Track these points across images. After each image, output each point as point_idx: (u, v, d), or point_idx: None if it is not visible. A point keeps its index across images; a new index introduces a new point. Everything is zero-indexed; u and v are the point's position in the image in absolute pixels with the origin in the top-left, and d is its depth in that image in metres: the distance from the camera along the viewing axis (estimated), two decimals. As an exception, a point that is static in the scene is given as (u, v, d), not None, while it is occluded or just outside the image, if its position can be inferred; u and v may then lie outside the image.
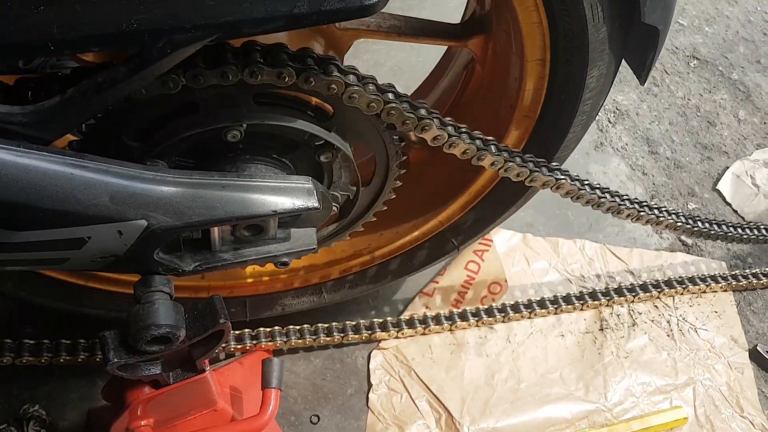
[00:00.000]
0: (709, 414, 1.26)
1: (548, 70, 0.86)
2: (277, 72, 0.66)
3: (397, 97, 0.74)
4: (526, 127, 0.97)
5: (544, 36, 0.82)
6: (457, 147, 0.83)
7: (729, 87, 1.89)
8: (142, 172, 0.69)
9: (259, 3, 0.57)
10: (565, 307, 1.34)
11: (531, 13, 0.78)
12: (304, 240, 0.82)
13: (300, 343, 1.23)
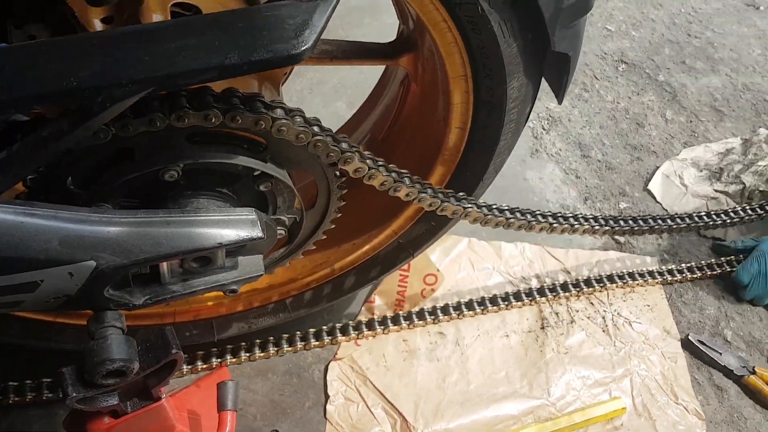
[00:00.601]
0: (646, 403, 1.34)
1: (471, 84, 0.92)
2: (203, 114, 0.70)
3: (322, 131, 0.79)
4: (460, 138, 1.03)
5: (461, 54, 0.87)
6: (376, 179, 0.88)
7: (656, 88, 2.00)
8: (89, 215, 0.72)
9: (192, 56, 0.61)
10: (505, 306, 1.42)
11: (446, 33, 0.84)
12: (251, 267, 0.86)
13: (262, 356, 1.29)
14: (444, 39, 0.82)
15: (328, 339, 1.34)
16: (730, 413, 1.38)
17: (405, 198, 0.96)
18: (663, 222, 1.48)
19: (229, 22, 0.63)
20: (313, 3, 0.64)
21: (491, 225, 1.13)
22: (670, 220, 1.48)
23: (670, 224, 1.48)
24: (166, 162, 0.74)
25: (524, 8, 0.76)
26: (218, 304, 1.24)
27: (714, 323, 1.50)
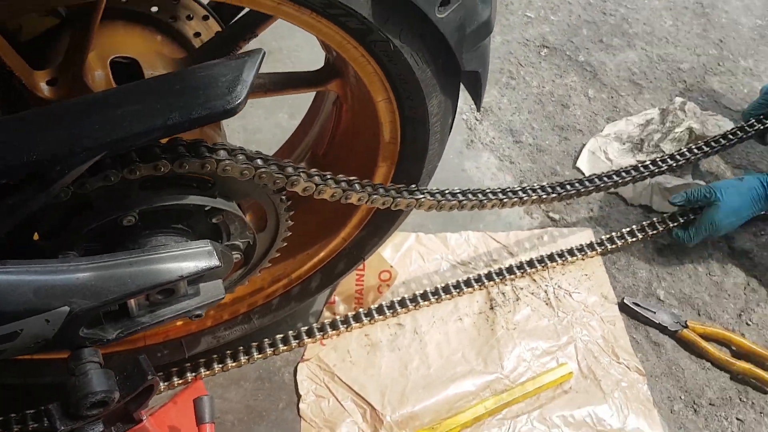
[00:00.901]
0: (590, 365, 1.47)
1: (395, 105, 1.00)
2: (152, 165, 0.77)
3: (265, 162, 0.87)
4: (393, 151, 1.12)
5: (382, 81, 0.95)
6: (325, 193, 0.97)
7: (577, 69, 2.12)
8: (58, 265, 0.79)
9: (138, 120, 0.69)
10: (457, 293, 1.53)
11: (365, 66, 0.91)
12: (213, 292, 0.94)
13: (234, 366, 1.37)
14: (364, 70, 0.91)
15: (296, 342, 1.42)
16: (668, 366, 1.52)
17: (358, 202, 1.04)
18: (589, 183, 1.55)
19: (168, 86, 0.70)
20: (241, 60, 0.72)
21: (446, 209, 1.21)
22: (588, 182, 1.55)
23: (596, 184, 1.55)
24: (123, 210, 0.81)
25: (432, 40, 0.85)
26: (187, 322, 1.31)
27: (647, 285, 1.63)
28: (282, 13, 0.79)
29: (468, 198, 1.25)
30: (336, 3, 0.75)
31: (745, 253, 1.74)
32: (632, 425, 1.39)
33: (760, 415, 1.48)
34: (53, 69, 0.86)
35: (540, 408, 1.40)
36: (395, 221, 1.27)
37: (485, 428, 1.37)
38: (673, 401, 1.46)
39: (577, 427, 1.38)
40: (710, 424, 1.44)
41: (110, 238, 0.87)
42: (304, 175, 0.92)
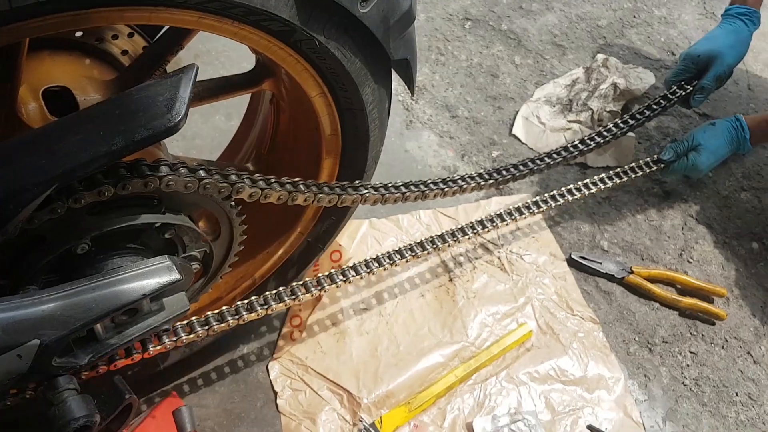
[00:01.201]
0: (548, 321, 1.54)
1: (330, 98, 1.03)
2: (96, 191, 0.78)
3: (208, 173, 0.88)
4: (336, 142, 1.15)
5: (314, 77, 0.97)
6: (272, 196, 0.99)
7: (502, 38, 2.18)
8: (21, 300, 0.80)
9: (83, 150, 0.70)
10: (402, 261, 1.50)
11: (295, 65, 0.93)
12: (177, 305, 0.95)
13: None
14: (295, 68, 0.93)
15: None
16: (620, 311, 1.61)
17: (304, 203, 1.07)
18: (540, 161, 1.60)
19: (108, 112, 0.71)
20: (176, 77, 0.74)
21: (390, 202, 1.25)
22: (539, 161, 1.62)
23: (546, 162, 1.60)
24: (74, 239, 0.82)
25: (358, 33, 0.88)
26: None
27: (590, 238, 1.72)
28: (204, 26, 0.81)
29: (411, 190, 1.28)
30: (255, 9, 0.77)
31: (679, 195, 1.84)
32: (593, 371, 1.48)
33: (711, 345, 1.58)
34: None
35: (506, 368, 1.47)
36: (348, 211, 1.31)
37: (458, 395, 1.43)
38: (628, 344, 1.55)
39: (543, 381, 1.45)
40: (666, 360, 1.54)
41: (68, 267, 0.88)
42: (248, 181, 0.94)
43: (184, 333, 1.10)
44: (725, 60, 1.65)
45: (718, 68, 1.64)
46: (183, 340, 1.09)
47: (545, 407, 1.42)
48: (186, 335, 1.09)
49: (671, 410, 1.46)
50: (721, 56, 1.65)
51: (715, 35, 1.72)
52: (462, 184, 1.41)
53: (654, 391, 1.48)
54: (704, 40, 1.72)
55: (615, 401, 1.44)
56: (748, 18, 1.71)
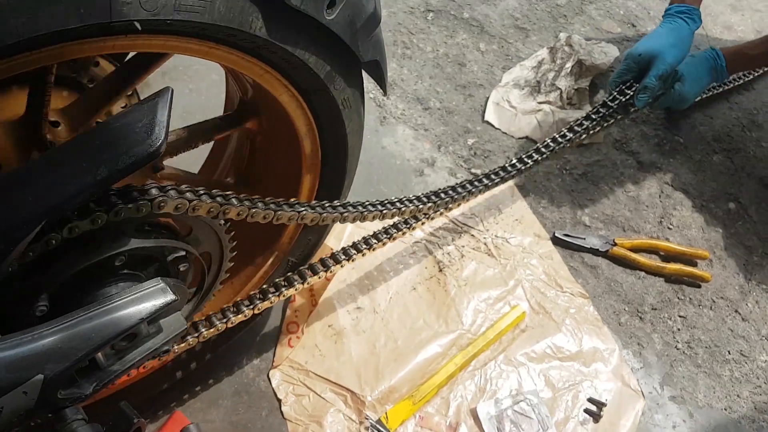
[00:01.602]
0: (539, 301, 1.57)
1: (307, 107, 1.05)
2: (91, 220, 0.78)
3: (196, 195, 0.89)
4: (315, 150, 1.16)
5: (287, 86, 0.98)
6: (258, 215, 1.00)
7: (465, 26, 2.20)
8: (21, 338, 0.80)
9: (68, 182, 0.70)
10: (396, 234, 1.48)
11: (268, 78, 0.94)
12: (174, 325, 0.96)
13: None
14: (269, 82, 0.94)
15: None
16: (608, 284, 1.64)
17: (288, 222, 1.08)
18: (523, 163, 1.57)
19: (88, 143, 0.72)
20: (152, 102, 0.74)
21: (369, 219, 1.25)
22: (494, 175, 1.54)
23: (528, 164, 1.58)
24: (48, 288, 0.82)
25: (327, 40, 0.89)
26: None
27: (572, 215, 1.75)
28: (174, 49, 0.81)
29: (387, 208, 1.29)
30: (225, 28, 0.78)
31: (653, 164, 1.87)
32: (588, 345, 1.51)
33: (699, 307, 1.62)
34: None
35: (504, 351, 1.49)
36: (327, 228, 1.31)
37: (459, 383, 1.45)
38: (619, 315, 1.58)
39: (541, 360, 1.48)
40: (657, 326, 1.58)
41: (61, 304, 0.88)
42: (235, 200, 0.95)
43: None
44: (666, 59, 1.64)
45: (659, 67, 1.63)
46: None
47: (545, 385, 1.45)
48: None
49: (667, 375, 1.50)
50: (662, 55, 1.64)
51: (656, 34, 1.71)
52: (444, 197, 1.42)
53: (649, 358, 1.52)
54: (645, 39, 1.72)
55: (612, 372, 1.47)
56: (687, 16, 1.71)
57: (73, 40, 0.67)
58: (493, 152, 1.85)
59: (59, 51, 0.68)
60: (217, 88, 1.46)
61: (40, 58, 0.67)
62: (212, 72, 1.91)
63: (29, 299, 0.84)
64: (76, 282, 0.86)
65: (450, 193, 1.45)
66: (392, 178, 1.77)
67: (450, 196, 1.44)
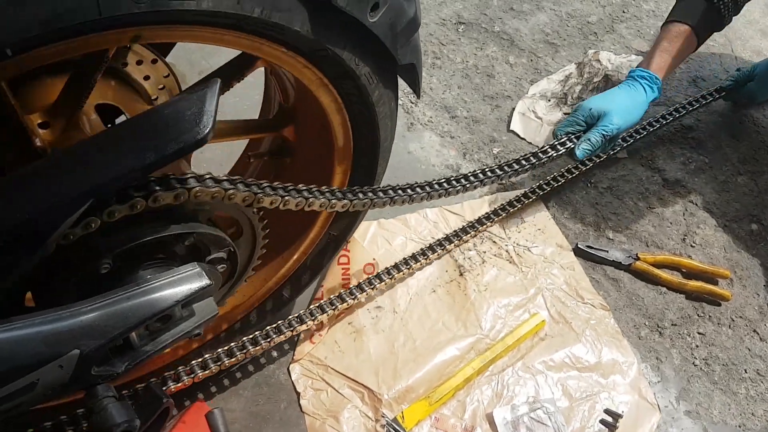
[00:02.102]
0: (560, 311, 1.58)
1: (345, 107, 1.08)
2: (129, 205, 0.82)
3: (232, 183, 0.92)
4: (348, 143, 1.18)
5: (327, 85, 1.01)
6: (290, 203, 1.03)
7: (495, 39, 2.22)
8: (60, 313, 0.83)
9: (118, 164, 0.74)
10: (424, 261, 1.60)
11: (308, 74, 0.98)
12: (206, 310, 0.99)
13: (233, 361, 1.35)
14: (308, 77, 0.98)
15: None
16: (629, 297, 1.65)
17: (319, 209, 1.10)
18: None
19: (139, 127, 0.75)
20: (201, 92, 0.78)
21: (398, 204, 1.29)
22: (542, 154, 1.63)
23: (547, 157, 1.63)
24: (101, 258, 0.85)
25: (368, 42, 0.92)
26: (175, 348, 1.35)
27: (595, 228, 1.76)
28: (232, 44, 0.85)
29: (416, 192, 1.32)
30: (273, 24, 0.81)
31: (678, 182, 1.88)
32: (607, 357, 1.51)
33: (718, 325, 1.62)
34: (44, 113, 0.89)
35: (522, 358, 1.50)
36: (360, 213, 1.34)
37: (476, 387, 1.46)
38: (639, 328, 1.59)
39: (559, 369, 1.49)
40: (676, 342, 1.58)
41: (98, 284, 0.91)
42: (269, 189, 0.98)
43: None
44: (614, 120, 1.61)
45: (606, 125, 1.61)
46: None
47: (563, 394, 1.46)
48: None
49: (684, 390, 1.50)
50: (610, 115, 1.61)
51: (612, 94, 1.68)
52: (465, 183, 1.45)
53: (666, 373, 1.52)
54: (601, 96, 1.69)
55: (630, 384, 1.48)
56: (647, 83, 1.67)
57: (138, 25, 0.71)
58: (519, 162, 1.87)
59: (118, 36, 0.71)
60: (251, 90, 1.50)
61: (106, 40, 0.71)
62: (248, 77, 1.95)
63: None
64: (124, 259, 0.88)
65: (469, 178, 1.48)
66: (417, 183, 1.79)
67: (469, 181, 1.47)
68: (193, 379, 1.27)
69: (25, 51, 0.64)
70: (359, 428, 1.40)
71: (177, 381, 1.26)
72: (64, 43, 0.66)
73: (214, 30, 0.78)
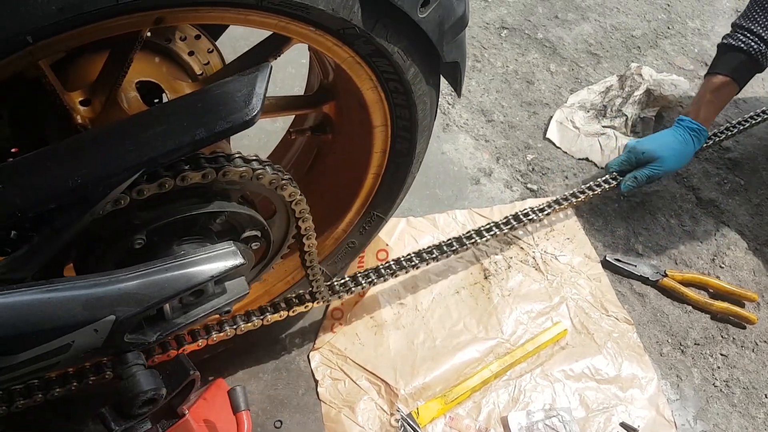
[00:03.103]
0: (583, 321, 1.58)
1: (385, 99, 1.09)
2: (201, 174, 0.84)
3: (274, 170, 0.94)
4: (385, 134, 1.19)
5: (370, 77, 1.03)
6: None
7: (537, 46, 2.22)
8: (100, 278, 0.86)
9: (169, 138, 0.76)
10: (441, 255, 1.53)
11: (358, 69, 1.00)
12: (238, 288, 1.01)
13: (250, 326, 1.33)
14: (356, 72, 0.99)
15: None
16: (654, 313, 1.64)
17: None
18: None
19: (191, 105, 0.78)
20: (252, 75, 0.80)
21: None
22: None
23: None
24: (132, 234, 0.88)
25: (415, 37, 0.94)
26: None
27: (625, 241, 1.75)
28: (286, 31, 0.87)
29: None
30: (328, 15, 0.83)
31: (712, 202, 1.86)
32: (627, 371, 1.51)
33: (741, 348, 1.61)
34: (85, 90, 0.92)
35: (541, 366, 1.51)
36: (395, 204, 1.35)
37: (493, 390, 1.47)
38: (661, 345, 1.58)
39: (577, 379, 1.49)
40: (697, 362, 1.57)
41: (135, 256, 0.94)
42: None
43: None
44: (665, 165, 1.71)
45: (656, 169, 1.71)
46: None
47: (579, 404, 1.45)
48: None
49: (702, 410, 1.49)
50: (663, 161, 1.71)
51: (663, 138, 1.75)
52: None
53: (686, 391, 1.51)
54: (652, 139, 1.76)
55: (648, 400, 1.47)
56: (695, 135, 1.74)
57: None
58: (551, 170, 1.87)
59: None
60: (292, 80, 1.52)
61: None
62: (288, 65, 1.98)
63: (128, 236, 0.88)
64: (164, 232, 0.91)
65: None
66: (448, 184, 1.81)
67: None
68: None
69: (46, 38, 0.66)
70: (374, 420, 1.42)
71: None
72: (84, 28, 0.68)
73: (237, 11, 0.79)
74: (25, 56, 0.66)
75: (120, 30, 0.73)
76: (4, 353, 0.80)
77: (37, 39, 0.65)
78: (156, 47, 1.08)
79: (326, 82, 1.20)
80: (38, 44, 0.65)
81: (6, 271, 0.78)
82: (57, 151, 0.76)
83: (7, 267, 0.78)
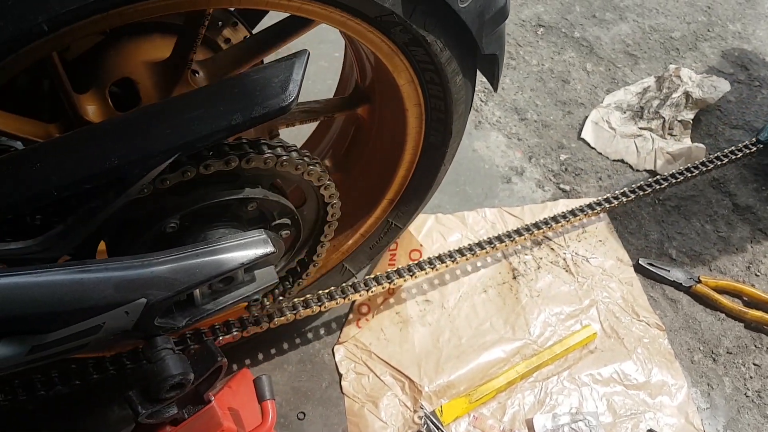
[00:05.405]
0: (613, 325, 1.55)
1: (421, 92, 1.08)
2: (224, 161, 0.84)
3: (311, 160, 0.94)
4: (419, 125, 1.16)
5: (406, 67, 1.01)
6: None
7: (574, 45, 2.19)
8: (132, 261, 0.87)
9: (205, 122, 0.76)
10: (480, 252, 1.54)
11: (394, 58, 1.00)
12: (267, 277, 1.01)
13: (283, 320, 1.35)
14: (393, 63, 0.98)
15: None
16: (686, 320, 1.60)
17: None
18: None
19: (228, 90, 0.77)
20: (289, 61, 0.79)
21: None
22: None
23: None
24: (168, 215, 0.88)
25: (454, 27, 0.92)
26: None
27: (659, 245, 1.72)
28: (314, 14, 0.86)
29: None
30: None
31: (749, 208, 1.82)
32: (657, 378, 1.48)
33: (774, 359, 1.56)
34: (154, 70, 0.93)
35: (568, 369, 1.48)
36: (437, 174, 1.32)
37: (518, 391, 1.45)
38: (692, 352, 1.54)
39: (606, 384, 1.46)
40: (729, 371, 1.53)
41: (165, 240, 0.94)
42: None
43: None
44: None
45: None
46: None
47: (607, 409, 1.43)
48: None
49: (732, 420, 1.45)
50: None
51: None
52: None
53: (716, 401, 1.47)
54: None
55: (677, 407, 1.44)
56: None
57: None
58: (585, 171, 1.84)
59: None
60: (324, 74, 1.52)
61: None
62: (320, 59, 1.98)
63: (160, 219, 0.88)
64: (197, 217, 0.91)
65: None
66: (479, 181, 1.79)
67: None
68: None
69: (60, 28, 0.67)
70: (397, 416, 1.41)
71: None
72: (101, 15, 0.69)
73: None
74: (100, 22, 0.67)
75: (142, 15, 0.74)
76: (36, 331, 0.81)
77: (53, 29, 0.66)
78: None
79: (362, 85, 1.20)
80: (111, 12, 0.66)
81: (40, 250, 0.79)
82: (95, 131, 0.76)
83: (41, 246, 0.78)
